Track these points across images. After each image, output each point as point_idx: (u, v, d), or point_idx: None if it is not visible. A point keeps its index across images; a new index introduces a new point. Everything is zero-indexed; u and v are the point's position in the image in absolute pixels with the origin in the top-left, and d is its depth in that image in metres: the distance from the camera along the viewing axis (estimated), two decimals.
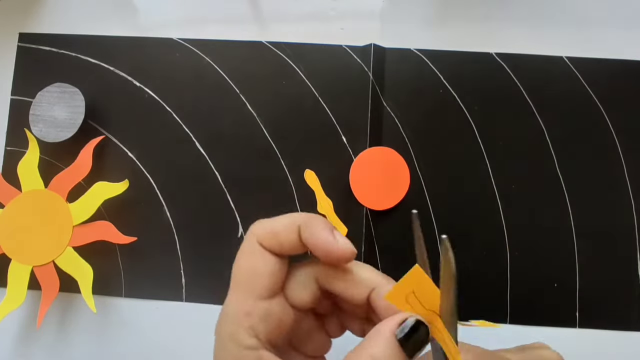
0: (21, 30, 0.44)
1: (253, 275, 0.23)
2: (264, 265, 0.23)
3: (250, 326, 0.22)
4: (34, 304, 0.40)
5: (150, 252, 0.41)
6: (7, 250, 0.38)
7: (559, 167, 0.41)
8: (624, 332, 0.39)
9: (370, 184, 0.39)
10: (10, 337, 0.40)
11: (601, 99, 0.41)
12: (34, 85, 0.41)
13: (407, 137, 0.41)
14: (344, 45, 0.43)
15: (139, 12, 0.45)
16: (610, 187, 0.41)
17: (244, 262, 0.24)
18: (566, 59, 0.42)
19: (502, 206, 0.40)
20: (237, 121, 0.42)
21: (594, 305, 0.39)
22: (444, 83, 0.42)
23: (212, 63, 0.43)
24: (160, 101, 0.43)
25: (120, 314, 0.40)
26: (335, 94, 0.42)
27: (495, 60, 0.42)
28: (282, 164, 0.41)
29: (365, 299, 0.23)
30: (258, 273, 0.23)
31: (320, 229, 0.23)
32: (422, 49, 0.42)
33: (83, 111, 0.41)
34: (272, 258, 0.23)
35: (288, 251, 0.24)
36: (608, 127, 0.41)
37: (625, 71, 0.42)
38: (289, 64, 0.43)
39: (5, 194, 0.39)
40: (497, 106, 0.42)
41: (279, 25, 0.44)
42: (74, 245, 0.39)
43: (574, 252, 0.40)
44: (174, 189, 0.42)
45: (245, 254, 0.24)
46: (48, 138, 0.40)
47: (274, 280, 0.23)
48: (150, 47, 0.43)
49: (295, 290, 0.24)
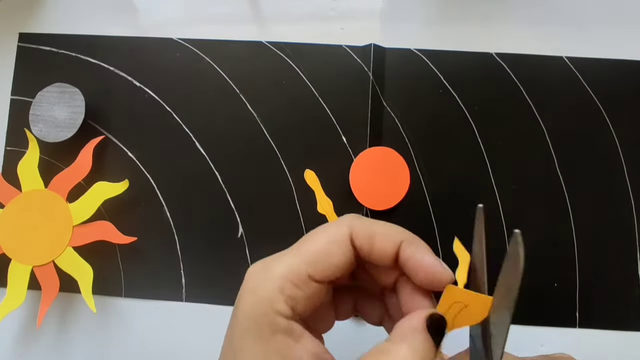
0: (21, 30, 0.44)
1: (324, 261, 0.22)
2: (339, 259, 0.22)
3: (292, 297, 0.21)
4: (34, 304, 0.40)
5: (150, 252, 0.41)
6: (7, 250, 0.38)
7: (559, 167, 0.41)
8: (624, 332, 0.39)
9: (370, 184, 0.39)
10: (10, 337, 0.40)
11: (601, 98, 0.41)
12: (34, 85, 0.41)
13: (407, 137, 0.41)
14: (344, 45, 0.43)
15: (139, 12, 0.45)
16: (611, 186, 0.41)
17: (323, 245, 0.22)
18: (566, 58, 0.42)
19: (501, 206, 0.40)
20: (237, 121, 0.42)
21: (594, 305, 0.39)
22: (444, 83, 0.42)
23: (212, 63, 0.43)
24: (160, 101, 0.43)
25: (120, 314, 0.40)
26: (335, 94, 0.42)
27: (495, 60, 0.42)
28: (282, 163, 0.41)
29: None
30: (329, 262, 0.22)
31: (426, 251, 0.23)
32: (422, 49, 0.42)
33: (83, 111, 0.41)
34: (351, 257, 0.23)
35: (375, 260, 0.23)
36: (608, 126, 0.41)
37: (626, 71, 0.42)
38: (289, 64, 0.43)
39: (5, 194, 0.40)
40: (497, 106, 0.42)
41: (279, 25, 0.44)
42: (74, 245, 0.39)
43: (574, 252, 0.40)
44: (174, 189, 0.42)
45: (329, 237, 0.23)
46: (48, 138, 0.40)
47: (337, 274, 0.23)
48: (150, 47, 0.43)
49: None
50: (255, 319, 0.21)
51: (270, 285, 0.21)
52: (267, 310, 0.21)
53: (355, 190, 0.39)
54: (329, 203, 0.40)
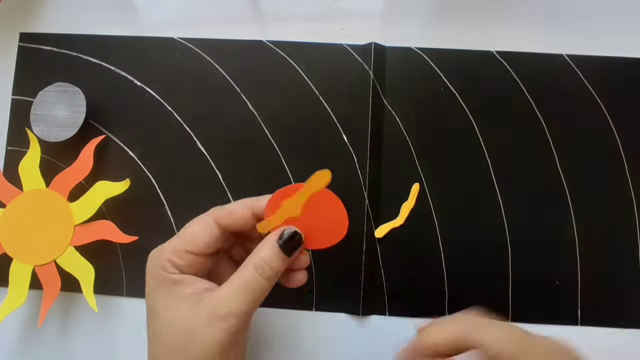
0: (22, 30, 0.44)
1: (195, 240, 0.31)
2: (207, 237, 0.31)
3: (176, 264, 0.30)
4: (35, 303, 0.40)
5: (151, 251, 0.41)
6: (9, 249, 0.39)
7: (559, 165, 0.41)
8: (626, 330, 0.39)
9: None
10: (11, 337, 0.40)
11: (602, 97, 0.41)
12: (35, 85, 0.41)
13: (407, 136, 0.41)
14: (344, 44, 0.43)
15: (139, 12, 0.45)
16: (612, 184, 0.41)
17: (195, 229, 0.31)
18: (567, 57, 0.42)
19: (503, 205, 0.40)
20: (237, 120, 0.42)
21: (596, 303, 0.39)
22: (445, 82, 0.42)
23: (212, 62, 0.43)
24: (161, 100, 0.43)
25: (121, 313, 0.40)
26: (336, 93, 0.42)
27: (495, 58, 0.42)
28: (282, 163, 0.41)
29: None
30: (199, 240, 0.31)
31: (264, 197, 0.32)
32: (423, 48, 0.42)
33: (84, 111, 0.41)
34: (217, 234, 0.31)
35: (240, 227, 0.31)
36: (609, 124, 0.41)
37: (626, 69, 0.42)
38: (290, 63, 0.43)
39: (7, 194, 0.40)
40: (498, 104, 0.42)
41: (280, 24, 0.44)
42: (75, 245, 0.39)
43: (576, 250, 0.40)
44: (175, 188, 0.42)
45: (199, 223, 0.31)
46: (49, 138, 0.40)
47: (208, 249, 0.31)
48: (151, 46, 0.43)
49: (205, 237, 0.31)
50: (156, 280, 0.30)
51: (162, 257, 0.31)
52: (161, 273, 0.30)
53: None
54: None
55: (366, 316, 0.39)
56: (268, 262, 0.29)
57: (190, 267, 0.31)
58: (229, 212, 0.31)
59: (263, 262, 0.29)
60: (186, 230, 0.32)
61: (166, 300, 0.30)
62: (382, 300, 0.39)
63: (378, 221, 0.40)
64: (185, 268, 0.30)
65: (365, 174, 0.40)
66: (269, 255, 0.30)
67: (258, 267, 0.29)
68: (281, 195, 0.31)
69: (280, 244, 0.30)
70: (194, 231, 0.31)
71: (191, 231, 0.31)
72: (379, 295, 0.40)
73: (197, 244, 0.31)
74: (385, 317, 0.39)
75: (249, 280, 0.29)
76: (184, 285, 0.30)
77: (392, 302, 0.39)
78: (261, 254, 0.30)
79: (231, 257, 0.35)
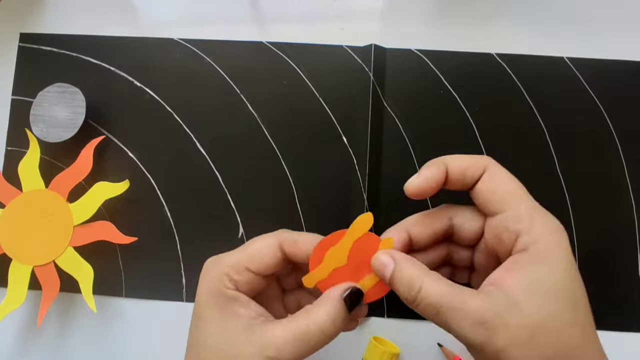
0: (22, 30, 0.44)
1: (258, 259, 0.30)
2: (270, 259, 0.30)
3: (234, 280, 0.29)
4: (34, 303, 0.40)
5: (151, 252, 0.41)
6: (8, 250, 0.39)
7: (558, 167, 0.41)
8: (625, 333, 0.39)
9: None
10: (10, 337, 0.41)
11: (602, 99, 0.41)
12: (35, 85, 0.41)
13: (407, 137, 0.41)
14: (344, 46, 0.43)
15: (139, 12, 0.45)
16: (611, 186, 0.41)
17: (259, 247, 0.30)
18: (567, 59, 0.42)
19: None
20: (237, 121, 0.42)
21: (594, 306, 0.39)
22: (445, 83, 0.42)
23: (212, 63, 0.43)
24: (160, 101, 0.43)
25: (120, 314, 0.41)
26: (335, 94, 0.42)
27: (495, 60, 0.42)
28: (282, 163, 0.41)
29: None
30: (261, 260, 0.30)
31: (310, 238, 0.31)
32: (423, 49, 0.42)
33: (84, 111, 0.41)
34: (279, 258, 0.30)
35: (300, 258, 0.30)
36: (608, 127, 0.41)
37: (626, 72, 0.42)
38: (290, 64, 0.43)
39: (6, 194, 0.40)
40: (498, 106, 0.42)
41: (279, 25, 0.44)
42: (74, 245, 0.39)
43: (574, 252, 0.40)
44: (174, 189, 0.42)
45: (264, 242, 0.30)
46: (49, 138, 0.40)
47: (268, 270, 0.30)
48: (151, 47, 0.43)
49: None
50: (211, 292, 0.29)
51: (220, 270, 0.29)
52: (218, 285, 0.29)
53: None
54: None
55: (364, 318, 0.39)
56: (331, 320, 0.28)
57: (246, 285, 0.30)
58: (295, 241, 0.30)
59: (326, 318, 0.28)
60: (249, 247, 0.30)
61: (217, 315, 0.29)
62: (381, 302, 0.39)
63: (378, 221, 0.40)
64: (241, 285, 0.30)
65: (365, 175, 0.40)
66: (332, 313, 0.28)
67: (320, 324, 0.28)
68: (325, 245, 0.29)
69: (345, 302, 0.28)
70: (258, 249, 0.30)
71: (255, 248, 0.30)
72: None
73: (259, 263, 0.30)
74: (384, 319, 0.39)
75: (309, 333, 0.27)
76: (237, 304, 0.29)
77: (391, 304, 0.39)
78: (325, 310, 0.28)
79: (279, 283, 0.33)
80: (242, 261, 0.30)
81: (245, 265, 0.30)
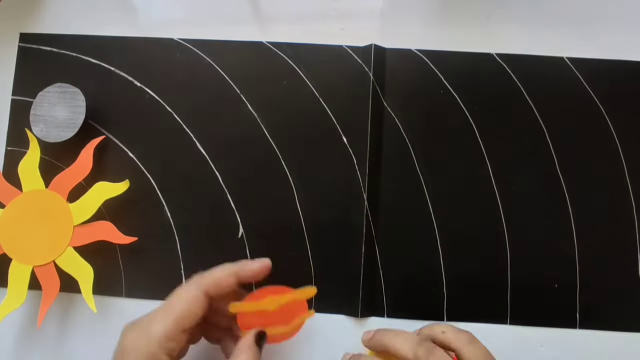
0: (22, 30, 0.44)
1: (190, 316, 0.30)
2: (201, 311, 0.31)
3: (169, 348, 0.29)
4: (34, 303, 0.40)
5: (151, 252, 0.41)
6: (8, 250, 0.39)
7: (559, 167, 0.41)
8: (625, 333, 0.39)
9: None
10: (10, 337, 0.40)
11: (601, 99, 0.41)
12: (35, 86, 0.41)
13: (407, 138, 0.41)
14: (344, 46, 0.43)
15: (139, 12, 0.45)
16: (611, 186, 0.41)
17: (186, 303, 0.31)
18: (567, 59, 0.42)
19: (502, 206, 0.40)
20: (237, 121, 0.42)
21: (595, 306, 0.39)
22: (445, 83, 0.42)
23: (212, 63, 0.43)
24: (160, 101, 0.43)
25: (120, 314, 0.40)
26: (335, 94, 0.42)
27: (495, 60, 0.42)
28: (282, 164, 0.41)
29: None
30: (194, 315, 0.30)
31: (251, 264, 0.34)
32: (423, 50, 0.42)
33: (84, 111, 0.41)
34: (206, 306, 0.31)
35: (227, 292, 0.32)
36: (608, 127, 0.41)
37: (626, 72, 0.42)
38: (290, 64, 0.43)
39: (6, 194, 0.40)
40: (498, 106, 0.42)
41: (279, 25, 0.44)
42: (74, 245, 0.39)
43: (575, 253, 0.40)
44: (174, 189, 0.42)
45: (189, 296, 0.31)
46: (49, 138, 0.40)
47: (199, 321, 0.31)
48: (151, 47, 0.43)
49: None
50: None
51: (153, 344, 0.29)
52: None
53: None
54: None
55: (365, 318, 0.39)
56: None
57: (178, 350, 0.30)
58: (216, 282, 0.32)
59: None
60: (175, 306, 0.31)
61: None
62: (380, 302, 0.40)
63: (378, 222, 0.40)
64: (177, 351, 0.30)
65: (364, 175, 0.40)
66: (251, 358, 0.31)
67: None
68: (267, 291, 0.34)
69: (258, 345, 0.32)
70: (186, 307, 0.30)
71: (183, 307, 0.30)
72: (377, 296, 0.40)
73: (193, 319, 0.30)
74: (384, 319, 0.39)
75: None
76: None
77: (391, 304, 0.40)
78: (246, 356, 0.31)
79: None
80: (174, 326, 0.30)
81: (180, 329, 0.30)
